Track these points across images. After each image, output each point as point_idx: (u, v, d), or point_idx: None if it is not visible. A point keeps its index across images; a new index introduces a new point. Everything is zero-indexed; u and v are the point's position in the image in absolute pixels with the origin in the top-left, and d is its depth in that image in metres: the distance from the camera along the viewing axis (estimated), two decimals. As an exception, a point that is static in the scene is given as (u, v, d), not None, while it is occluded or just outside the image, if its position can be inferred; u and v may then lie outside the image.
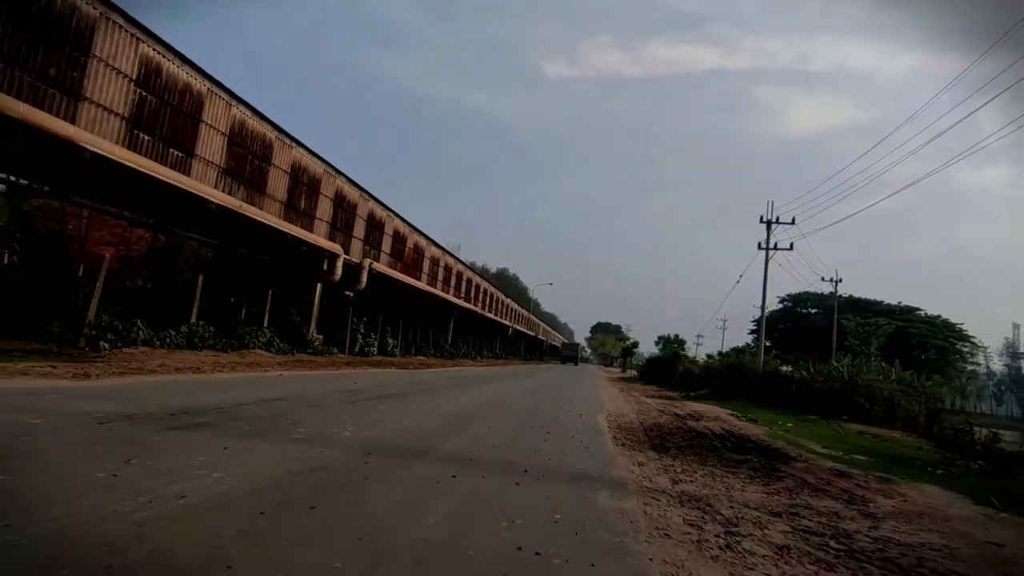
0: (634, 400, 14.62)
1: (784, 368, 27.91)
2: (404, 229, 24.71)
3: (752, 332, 58.19)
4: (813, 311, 57.56)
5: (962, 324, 55.43)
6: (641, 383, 28.06)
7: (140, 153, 11.28)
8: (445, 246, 31.37)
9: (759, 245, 29.76)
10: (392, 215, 23.36)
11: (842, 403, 15.23)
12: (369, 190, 21.02)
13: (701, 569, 2.71)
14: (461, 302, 32.47)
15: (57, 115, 9.61)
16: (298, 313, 18.07)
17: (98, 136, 10.25)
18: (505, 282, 72.20)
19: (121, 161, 10.18)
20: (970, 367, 64.70)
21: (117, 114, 10.93)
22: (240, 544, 2.18)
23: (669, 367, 28.06)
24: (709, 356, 42.96)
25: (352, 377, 11.24)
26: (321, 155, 17.89)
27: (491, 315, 40.98)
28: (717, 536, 3.34)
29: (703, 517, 3.75)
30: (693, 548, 3.03)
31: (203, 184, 12.64)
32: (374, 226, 21.79)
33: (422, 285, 25.82)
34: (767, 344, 59.60)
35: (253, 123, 14.78)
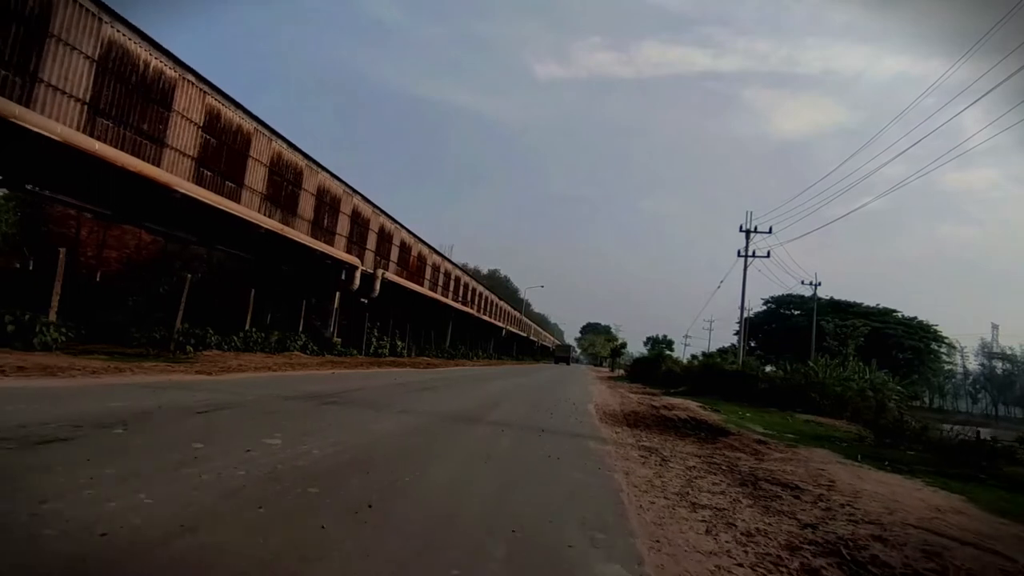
0: (619, 395, 17.40)
1: (768, 367, 30.85)
2: (409, 239, 27.30)
3: (737, 333, 61.59)
4: (796, 313, 60.86)
5: (937, 326, 59.20)
6: (628, 382, 30.90)
7: (203, 187, 13.77)
8: (439, 248, 33.99)
9: (738, 253, 32.82)
10: (399, 227, 25.93)
11: (798, 398, 18.12)
12: (378, 204, 23.58)
13: (640, 469, 5.42)
14: (459, 306, 35.10)
15: (149, 161, 12.10)
16: (318, 318, 20.61)
17: (177, 176, 12.77)
18: (496, 283, 74.91)
19: (205, 200, 12.72)
20: (947, 367, 68.94)
21: (189, 156, 13.43)
22: (425, 447, 4.83)
23: (653, 367, 30.97)
24: (694, 356, 46.02)
25: (387, 375, 13.89)
26: (342, 177, 20.43)
27: (486, 317, 43.68)
28: (655, 461, 6.05)
29: (650, 454, 6.46)
30: (638, 462, 5.74)
31: (254, 211, 15.17)
32: (384, 238, 24.35)
33: (426, 291, 28.43)
34: (752, 344, 63.16)
35: (288, 154, 17.29)
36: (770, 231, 32.98)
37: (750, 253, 32.62)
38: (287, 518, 2.64)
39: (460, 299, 36.67)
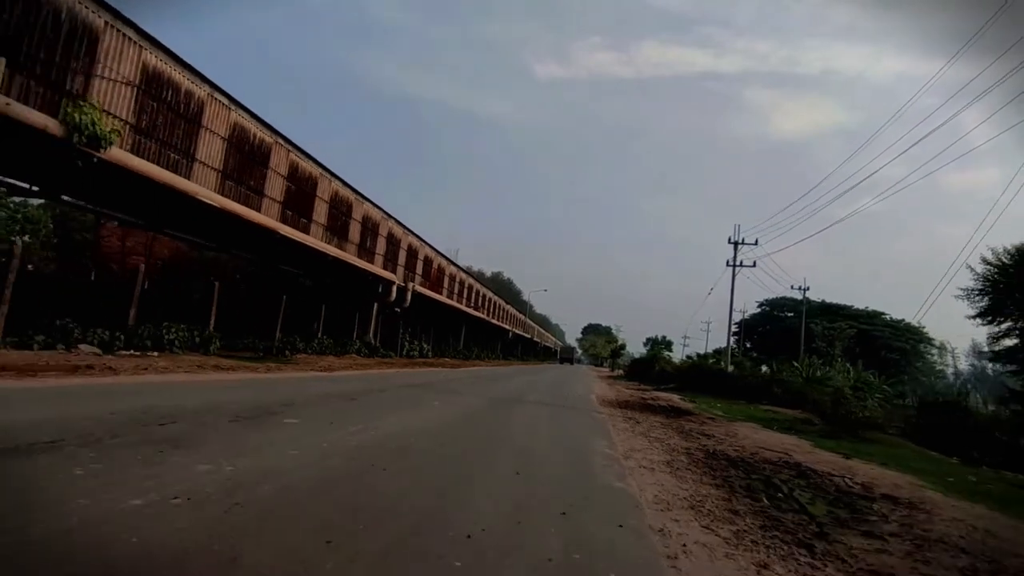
0: (615, 390, 21.75)
1: (763, 367, 35.03)
2: (431, 254, 31.61)
3: (734, 334, 66.04)
4: (789, 315, 65.09)
5: (924, 327, 63.50)
6: (625, 380, 35.25)
7: (287, 224, 18.00)
8: (444, 252, 38.10)
9: (727, 262, 37.07)
10: (423, 243, 30.22)
11: (765, 392, 22.39)
12: (407, 225, 27.86)
13: (622, 424, 9.74)
14: (472, 311, 39.43)
15: (253, 208, 16.33)
16: (359, 325, 24.86)
17: (273, 220, 17.02)
18: (500, 286, 79.17)
19: (295, 239, 17.01)
20: (938, 367, 73.52)
21: (277, 201, 17.68)
22: (504, 410, 9.14)
23: (649, 367, 35.34)
24: (688, 357, 50.35)
25: (432, 373, 18.21)
26: (380, 204, 24.71)
27: (495, 321, 48.02)
28: (633, 423, 10.36)
29: (630, 420, 10.78)
30: (622, 422, 10.08)
31: (325, 243, 19.48)
32: (411, 254, 28.64)
33: (446, 300, 32.75)
34: (747, 345, 67.18)
35: (342, 190, 21.55)
36: (756, 242, 37.26)
37: (739, 263, 36.94)
38: (479, 425, 6.97)
39: (472, 305, 40.99)
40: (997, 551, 4.02)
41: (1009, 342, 15.72)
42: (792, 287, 52.30)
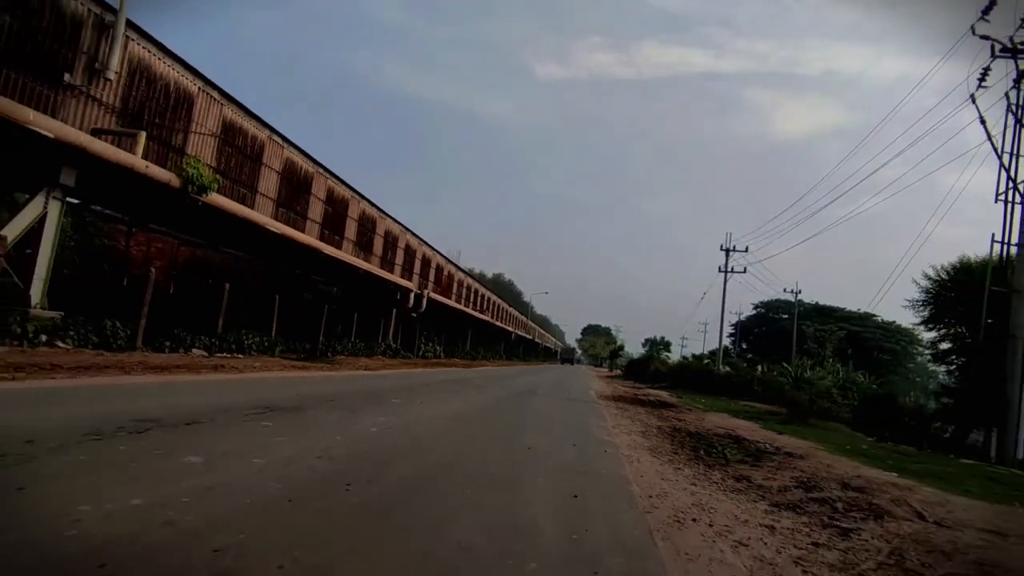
0: (612, 387, 24.89)
1: (759, 368, 38.04)
2: (442, 262, 34.72)
3: (730, 335, 69.37)
4: (783, 316, 68.23)
5: (916, 329, 66.58)
6: (623, 379, 38.40)
7: (324, 241, 21.04)
8: (447, 255, 41.16)
9: (719, 268, 40.20)
10: (435, 252, 33.32)
11: (747, 389, 25.50)
12: (419, 233, 30.91)
13: (614, 411, 12.87)
14: (478, 314, 42.55)
15: (299, 230, 19.37)
16: (380, 329, 27.91)
17: (315, 239, 20.06)
18: (501, 287, 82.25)
19: (335, 256, 20.10)
20: (931, 368, 76.80)
21: (317, 222, 20.73)
22: (524, 399, 12.25)
23: (645, 366, 38.49)
24: (685, 357, 53.53)
25: (451, 372, 21.32)
26: (399, 219, 27.78)
27: (499, 324, 51.17)
28: (623, 411, 13.47)
29: (621, 408, 13.90)
30: (615, 410, 13.21)
31: (354, 257, 22.57)
32: (425, 263, 31.73)
33: (456, 305, 35.87)
34: (743, 346, 70.37)
35: (369, 209, 24.63)
36: (746, 249, 40.49)
37: (731, 268, 40.13)
38: (510, 407, 10.10)
39: (477, 308, 44.13)
40: (823, 471, 7.09)
41: (945, 346, 18.79)
42: (785, 290, 55.38)
